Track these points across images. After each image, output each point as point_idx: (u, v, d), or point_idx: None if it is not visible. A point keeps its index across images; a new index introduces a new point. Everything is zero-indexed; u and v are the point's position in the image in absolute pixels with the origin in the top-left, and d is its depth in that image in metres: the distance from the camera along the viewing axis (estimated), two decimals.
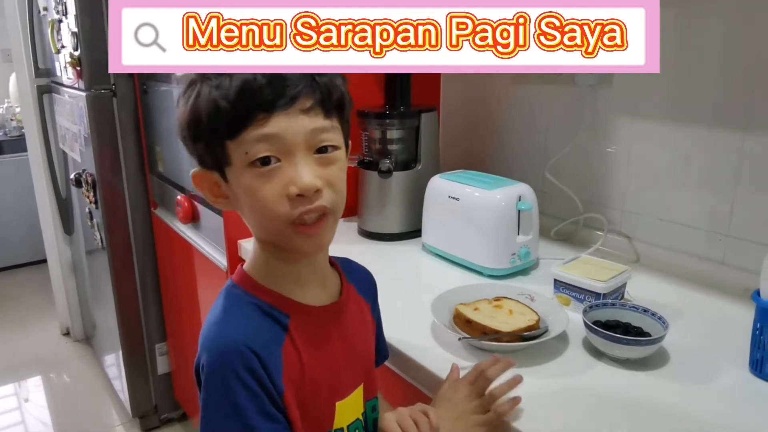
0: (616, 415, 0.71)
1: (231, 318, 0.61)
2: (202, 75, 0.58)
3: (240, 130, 0.56)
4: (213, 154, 0.59)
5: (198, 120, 0.58)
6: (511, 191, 1.09)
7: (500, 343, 0.81)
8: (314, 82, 0.58)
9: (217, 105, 0.56)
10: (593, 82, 1.20)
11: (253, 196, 0.58)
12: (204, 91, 0.57)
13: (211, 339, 0.59)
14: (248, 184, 0.57)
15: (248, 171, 0.57)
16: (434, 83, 1.58)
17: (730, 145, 1.03)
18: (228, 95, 0.56)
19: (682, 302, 0.99)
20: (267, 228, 0.61)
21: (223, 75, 0.57)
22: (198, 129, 0.58)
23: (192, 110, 0.58)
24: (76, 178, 1.96)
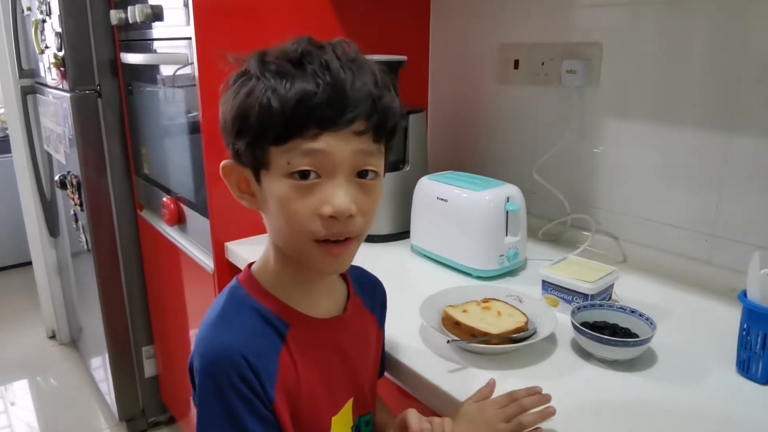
0: (605, 416, 0.70)
1: (228, 321, 0.60)
2: (260, 70, 0.56)
3: (288, 139, 0.55)
4: (253, 154, 0.57)
5: (246, 117, 0.56)
6: (499, 192, 1.09)
7: (489, 345, 0.81)
8: (374, 106, 0.56)
9: (271, 108, 0.54)
10: (580, 83, 1.20)
11: (285, 206, 0.56)
12: (258, 89, 0.55)
13: (205, 342, 0.58)
14: (283, 193, 0.56)
15: (285, 180, 0.56)
16: (423, 84, 1.58)
17: (715, 146, 1.03)
18: (285, 102, 0.54)
19: (669, 302, 1.00)
20: (289, 240, 0.59)
21: (282, 77, 0.54)
22: (244, 126, 0.56)
23: (241, 106, 0.56)
24: (60, 180, 1.93)
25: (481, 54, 1.43)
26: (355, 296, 0.70)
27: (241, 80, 0.57)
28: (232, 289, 0.64)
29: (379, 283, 0.78)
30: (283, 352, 0.60)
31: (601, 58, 1.17)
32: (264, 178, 0.58)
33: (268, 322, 0.60)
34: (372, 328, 0.73)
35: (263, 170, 0.57)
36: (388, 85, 0.59)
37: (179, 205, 1.50)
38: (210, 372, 0.56)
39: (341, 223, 0.56)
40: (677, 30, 1.06)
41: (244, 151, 0.58)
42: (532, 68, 1.30)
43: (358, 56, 0.58)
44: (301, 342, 0.61)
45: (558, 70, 1.23)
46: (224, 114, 0.58)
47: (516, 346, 0.81)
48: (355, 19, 1.39)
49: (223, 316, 0.60)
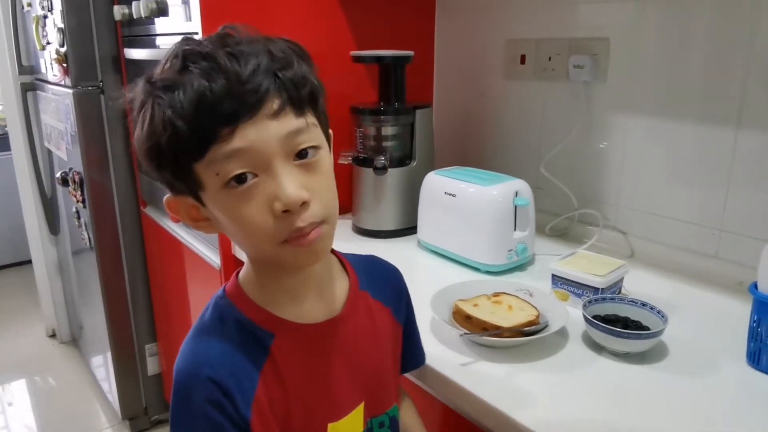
0: (617, 408, 0.71)
1: (206, 339, 0.58)
2: (151, 93, 0.51)
3: (204, 151, 0.50)
4: (182, 179, 0.53)
5: (157, 146, 0.51)
6: (507, 187, 1.09)
7: (501, 338, 0.81)
8: (277, 80, 0.51)
9: (174, 126, 0.49)
10: (587, 78, 1.20)
11: (235, 218, 0.52)
12: (157, 113, 0.50)
13: (181, 359, 0.57)
14: (227, 206, 0.52)
15: (224, 192, 0.51)
16: (429, 79, 1.58)
17: (723, 140, 1.04)
18: (183, 113, 0.49)
19: (677, 296, 1.00)
20: (257, 249, 0.56)
21: (173, 89, 0.50)
22: (159, 156, 0.52)
23: (148, 136, 0.51)
24: (62, 176, 1.92)
25: (487, 49, 1.43)
26: (359, 291, 0.66)
27: (141, 111, 0.52)
28: (216, 299, 0.61)
29: (391, 270, 0.73)
30: (266, 365, 0.57)
31: (609, 53, 1.18)
32: (205, 199, 0.54)
33: (251, 335, 0.57)
34: (386, 323, 0.69)
35: (200, 191, 0.53)
36: (289, 55, 0.53)
37: None
38: (180, 394, 0.55)
39: (297, 214, 0.52)
40: (684, 25, 1.06)
41: (173, 179, 0.54)
42: (539, 63, 1.30)
43: (246, 38, 0.53)
44: (289, 351, 0.58)
45: (565, 66, 1.23)
46: (140, 152, 0.54)
47: (528, 339, 0.81)
48: (362, 15, 1.38)
49: (202, 331, 0.59)
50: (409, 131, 1.30)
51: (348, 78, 1.37)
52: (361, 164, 1.29)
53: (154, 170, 0.54)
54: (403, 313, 0.72)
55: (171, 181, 0.54)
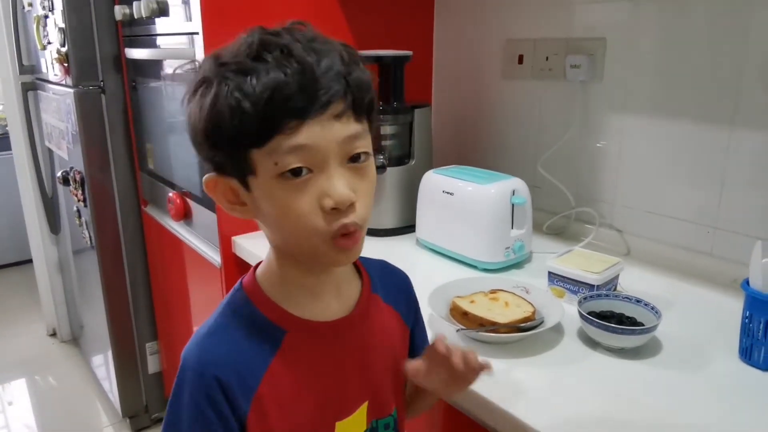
0: (612, 402, 0.72)
1: (218, 333, 0.59)
2: (219, 73, 0.52)
3: (268, 139, 0.51)
4: (235, 162, 0.54)
5: (218, 126, 0.52)
6: (505, 185, 1.10)
7: (497, 334, 0.82)
8: (347, 85, 0.53)
9: (243, 110, 0.50)
10: (584, 78, 1.21)
11: (284, 208, 0.53)
12: (223, 93, 0.51)
13: (189, 350, 0.57)
14: (277, 195, 0.53)
15: (277, 182, 0.52)
16: (428, 79, 1.59)
17: (717, 139, 1.05)
18: (255, 99, 0.50)
19: (672, 293, 1.01)
20: (297, 240, 0.56)
21: (246, 74, 0.51)
22: (218, 136, 0.52)
23: (210, 115, 0.52)
24: (63, 176, 1.94)
25: (485, 49, 1.44)
26: (371, 294, 0.66)
27: (202, 88, 0.53)
28: (234, 293, 0.62)
29: (402, 277, 0.74)
30: (275, 361, 0.57)
31: (605, 53, 1.19)
32: (253, 185, 0.54)
33: (262, 331, 0.58)
34: (395, 326, 0.69)
35: (250, 176, 0.54)
36: (356, 60, 0.55)
37: (185, 200, 1.51)
38: (181, 382, 0.56)
39: (344, 213, 0.53)
40: (680, 24, 1.07)
41: (225, 160, 0.54)
42: (537, 63, 1.31)
43: (317, 35, 0.55)
44: (300, 348, 0.59)
45: (562, 65, 1.25)
46: (194, 128, 0.54)
47: (524, 335, 0.83)
48: (361, 15, 1.40)
49: (215, 325, 0.59)
50: (407, 130, 1.31)
51: None
52: None
53: (207, 149, 0.55)
54: (411, 319, 0.73)
55: (221, 162, 0.55)
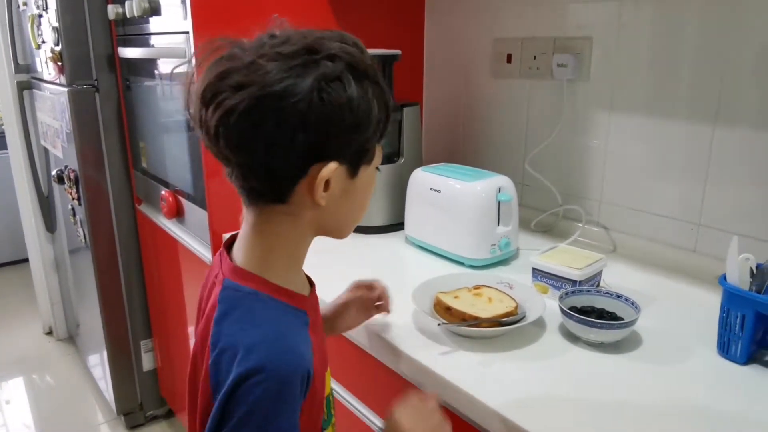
0: (591, 396, 0.73)
1: (283, 332, 0.58)
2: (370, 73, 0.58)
3: (382, 137, 0.62)
4: (368, 151, 0.61)
5: (382, 119, 0.59)
6: (491, 183, 1.11)
7: (479, 328, 0.83)
8: None
9: (389, 109, 0.60)
10: (571, 77, 1.22)
11: (371, 190, 0.65)
12: (382, 91, 0.59)
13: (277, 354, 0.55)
14: (372, 182, 0.64)
15: (372, 171, 0.64)
16: (418, 77, 1.60)
17: (701, 138, 1.06)
18: (392, 105, 0.61)
19: (656, 289, 1.02)
20: (358, 217, 0.66)
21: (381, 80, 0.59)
22: (381, 127, 0.60)
23: (382, 108, 0.59)
24: (58, 174, 1.95)
25: (474, 48, 1.46)
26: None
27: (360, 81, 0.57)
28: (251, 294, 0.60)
29: None
30: (313, 345, 0.60)
31: (591, 52, 1.20)
32: (362, 172, 0.62)
33: (298, 319, 0.61)
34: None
35: (365, 165, 0.62)
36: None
37: (177, 198, 1.52)
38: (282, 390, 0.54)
39: None
40: (666, 25, 1.08)
41: (361, 149, 0.60)
42: (525, 62, 1.33)
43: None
44: (314, 325, 0.63)
45: (549, 64, 1.26)
46: (361, 113, 0.57)
47: (505, 330, 0.84)
48: (351, 13, 1.41)
49: (270, 322, 0.58)
50: (397, 129, 1.32)
51: None
52: None
53: (372, 136, 0.60)
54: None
55: (356, 150, 0.60)
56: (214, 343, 0.57)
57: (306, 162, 0.57)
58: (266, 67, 0.54)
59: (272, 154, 0.55)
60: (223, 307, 0.59)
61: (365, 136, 0.59)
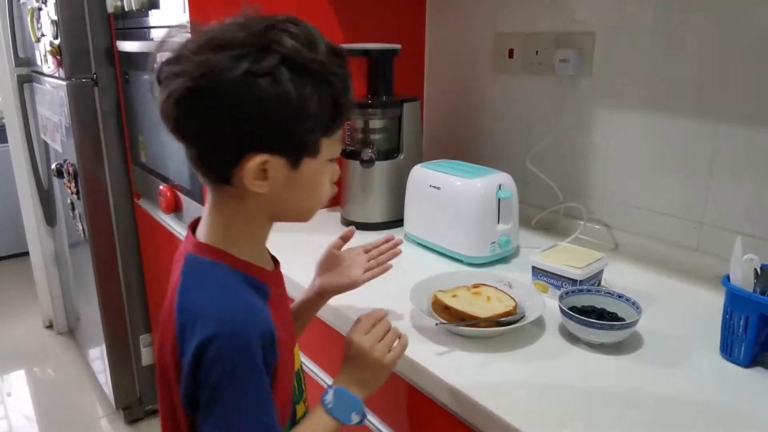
0: (591, 398, 0.72)
1: (240, 295, 0.60)
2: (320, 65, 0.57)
3: (336, 130, 0.62)
4: (307, 144, 0.60)
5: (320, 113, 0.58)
6: (491, 180, 1.10)
7: (477, 328, 0.82)
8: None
9: (340, 104, 0.59)
10: (573, 73, 1.21)
11: (321, 183, 0.64)
12: (328, 85, 0.58)
13: (229, 315, 0.57)
14: (322, 173, 0.63)
15: (326, 164, 0.63)
16: (419, 72, 1.59)
17: (704, 135, 1.04)
18: (347, 97, 0.60)
19: (658, 288, 1.01)
20: (312, 205, 0.66)
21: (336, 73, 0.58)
22: (315, 121, 0.58)
23: (317, 102, 0.57)
24: (57, 168, 1.94)
25: (476, 43, 1.44)
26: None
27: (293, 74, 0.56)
28: (210, 264, 0.62)
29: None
30: (271, 309, 0.62)
31: (594, 47, 1.18)
32: (306, 164, 0.61)
33: (258, 290, 0.63)
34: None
35: (308, 157, 0.61)
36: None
37: (176, 193, 1.51)
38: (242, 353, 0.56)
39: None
40: (669, 20, 1.06)
41: (295, 142, 0.59)
42: (527, 57, 1.31)
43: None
44: (276, 298, 0.65)
45: (552, 60, 1.24)
46: (287, 106, 0.56)
47: (504, 330, 0.83)
48: (351, 8, 1.39)
49: (229, 290, 0.60)
50: (396, 124, 1.31)
51: None
52: (348, 157, 1.30)
53: (289, 129, 0.58)
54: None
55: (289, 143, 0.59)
56: (179, 311, 0.60)
57: (238, 151, 0.57)
58: (200, 57, 0.55)
59: (204, 141, 0.58)
60: (184, 279, 0.62)
61: (301, 130, 0.58)
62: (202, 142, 0.59)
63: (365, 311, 0.89)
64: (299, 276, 0.95)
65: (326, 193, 0.66)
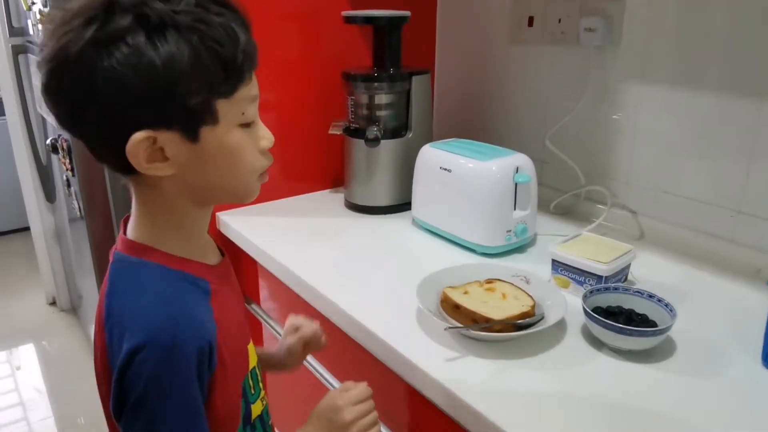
0: (616, 411, 0.64)
1: (173, 298, 0.55)
2: (179, 20, 0.49)
3: (235, 89, 0.53)
4: (198, 112, 0.52)
5: (197, 75, 0.50)
6: (507, 162, 1.01)
7: (491, 333, 0.74)
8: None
9: (224, 59, 0.51)
10: (599, 43, 1.10)
11: (238, 153, 0.56)
12: (198, 41, 0.50)
13: (161, 326, 0.52)
14: (235, 141, 0.55)
15: (237, 131, 0.55)
16: (428, 43, 1.47)
17: (745, 113, 0.94)
18: (233, 50, 0.51)
19: (689, 284, 0.92)
20: (239, 180, 0.58)
21: (212, 23, 0.50)
22: (196, 85, 0.50)
23: (171, 60, 0.49)
24: (52, 143, 1.87)
25: (492, 10, 1.32)
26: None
27: (154, 34, 0.48)
28: (138, 264, 0.56)
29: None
30: (214, 310, 0.58)
31: (623, 15, 1.07)
32: (208, 135, 0.53)
33: (198, 287, 0.58)
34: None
35: (207, 126, 0.53)
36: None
37: None
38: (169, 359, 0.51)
39: (267, 154, 0.60)
40: None
41: (184, 111, 0.51)
42: (548, 26, 1.20)
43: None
44: (217, 293, 0.59)
45: (576, 28, 1.13)
46: (160, 68, 0.48)
47: (520, 334, 0.74)
48: None
49: (158, 292, 0.55)
50: (404, 100, 1.21)
51: (340, 41, 1.28)
52: (352, 135, 1.21)
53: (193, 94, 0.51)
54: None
55: (176, 114, 0.51)
56: (106, 319, 0.54)
57: (117, 134, 0.51)
58: (53, 38, 0.49)
59: (80, 129, 0.53)
60: (111, 280, 0.57)
61: (177, 98, 0.50)
62: (79, 131, 0.53)
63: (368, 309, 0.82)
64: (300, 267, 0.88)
65: (253, 162, 0.58)
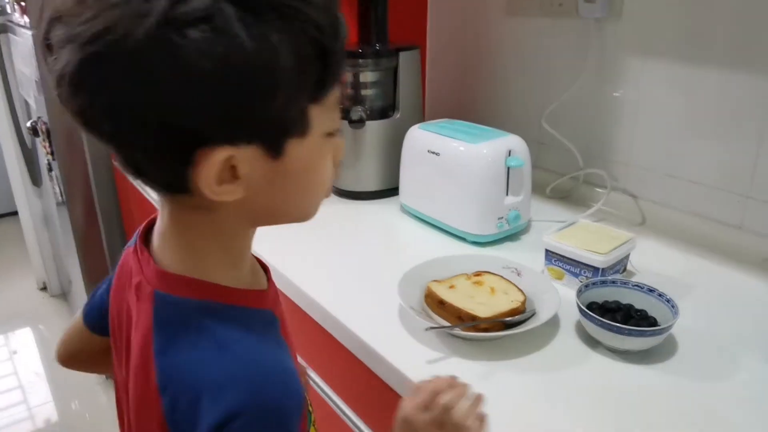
0: (611, 417, 0.59)
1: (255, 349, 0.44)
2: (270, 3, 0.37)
3: (329, 91, 0.42)
4: (287, 119, 0.41)
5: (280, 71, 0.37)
6: (499, 145, 0.94)
7: (476, 332, 0.68)
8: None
9: (321, 51, 0.39)
10: (600, 15, 1.02)
11: (320, 167, 0.46)
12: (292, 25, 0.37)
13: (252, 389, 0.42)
14: (321, 154, 0.45)
15: (324, 140, 0.45)
16: (419, 15, 1.39)
17: (754, 90, 0.87)
18: (331, 39, 0.40)
19: (693, 274, 0.87)
20: (311, 199, 0.48)
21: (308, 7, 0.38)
22: (282, 85, 0.38)
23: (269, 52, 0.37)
24: (32, 126, 1.80)
25: None
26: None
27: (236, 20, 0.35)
28: (193, 306, 0.44)
29: None
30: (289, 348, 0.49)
31: None
32: (292, 147, 0.42)
33: (266, 323, 0.48)
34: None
35: (295, 137, 0.42)
36: None
37: None
38: (276, 423, 0.42)
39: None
40: None
41: (277, 117, 0.40)
42: None
43: None
44: (284, 323, 0.50)
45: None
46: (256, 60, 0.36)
47: (509, 333, 0.69)
48: None
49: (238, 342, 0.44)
50: (391, 78, 1.14)
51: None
52: None
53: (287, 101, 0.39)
54: None
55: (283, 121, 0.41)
56: (164, 385, 0.42)
57: (181, 149, 0.38)
58: (94, 8, 0.35)
59: (125, 140, 0.39)
60: (162, 332, 0.44)
61: (273, 103, 0.38)
62: (118, 139, 0.40)
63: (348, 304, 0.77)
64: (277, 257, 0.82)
65: (329, 179, 0.47)
